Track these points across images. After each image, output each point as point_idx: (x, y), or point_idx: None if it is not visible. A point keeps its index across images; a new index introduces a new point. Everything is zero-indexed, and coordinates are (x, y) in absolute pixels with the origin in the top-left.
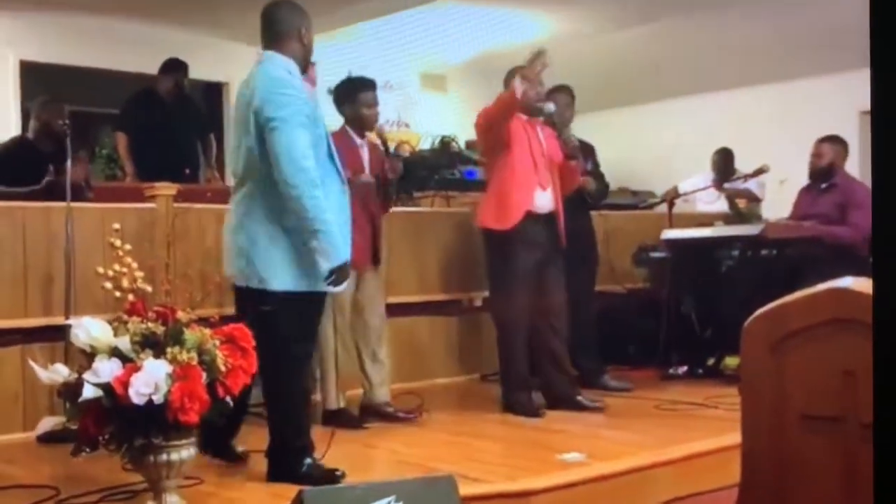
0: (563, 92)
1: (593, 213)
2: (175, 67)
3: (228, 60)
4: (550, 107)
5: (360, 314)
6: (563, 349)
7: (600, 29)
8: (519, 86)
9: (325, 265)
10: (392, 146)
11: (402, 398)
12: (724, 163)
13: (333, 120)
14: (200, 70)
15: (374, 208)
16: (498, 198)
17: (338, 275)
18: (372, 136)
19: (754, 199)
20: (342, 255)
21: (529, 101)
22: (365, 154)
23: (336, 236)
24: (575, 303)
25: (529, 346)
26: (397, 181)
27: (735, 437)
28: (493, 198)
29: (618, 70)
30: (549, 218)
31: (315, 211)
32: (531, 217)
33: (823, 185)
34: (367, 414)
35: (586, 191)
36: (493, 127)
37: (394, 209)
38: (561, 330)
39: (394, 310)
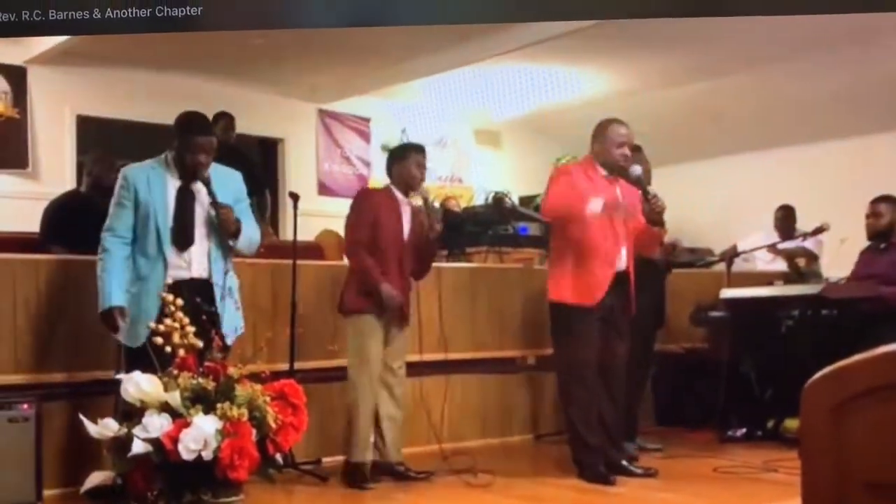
0: (637, 152)
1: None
2: (215, 120)
3: (284, 116)
4: (636, 170)
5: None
6: (614, 415)
7: (655, 85)
8: (594, 206)
9: None
10: (437, 201)
11: (454, 458)
12: (786, 220)
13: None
14: (256, 126)
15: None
16: (576, 273)
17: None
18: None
19: (811, 258)
20: None
21: (615, 162)
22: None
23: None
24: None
25: None
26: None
27: (795, 503)
28: (569, 271)
29: (674, 126)
30: (620, 277)
31: None
32: None
33: (882, 246)
34: (380, 473)
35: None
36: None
37: (447, 265)
38: (617, 397)
39: (446, 367)
